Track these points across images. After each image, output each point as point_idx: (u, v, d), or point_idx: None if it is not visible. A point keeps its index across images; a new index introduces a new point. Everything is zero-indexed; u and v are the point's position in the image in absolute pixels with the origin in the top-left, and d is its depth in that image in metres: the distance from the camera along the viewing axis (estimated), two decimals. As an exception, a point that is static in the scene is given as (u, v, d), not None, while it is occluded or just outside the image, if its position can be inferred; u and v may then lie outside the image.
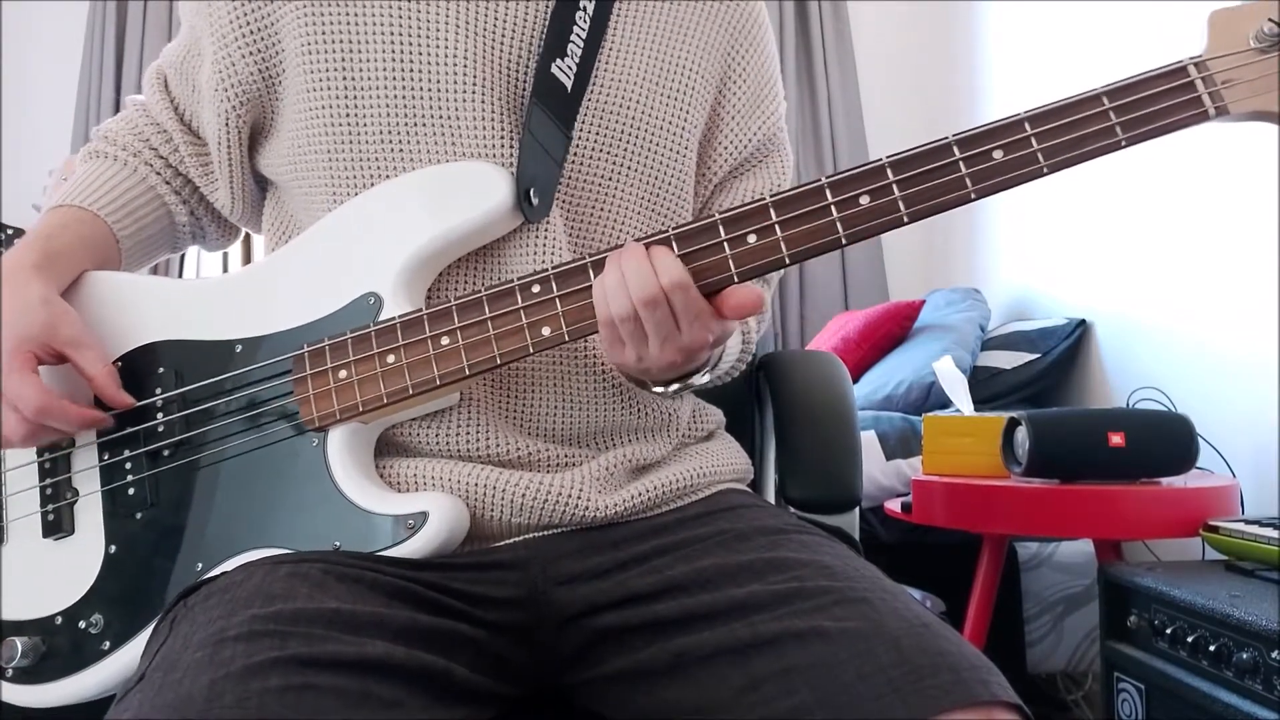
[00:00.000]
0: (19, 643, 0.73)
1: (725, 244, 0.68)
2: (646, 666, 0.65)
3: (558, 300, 0.69)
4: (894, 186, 0.66)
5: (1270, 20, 0.63)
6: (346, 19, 0.76)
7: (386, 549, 0.68)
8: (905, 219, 0.66)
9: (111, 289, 0.79)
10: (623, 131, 0.79)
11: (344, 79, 0.76)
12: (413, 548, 0.68)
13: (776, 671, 0.58)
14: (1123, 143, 0.65)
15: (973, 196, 0.66)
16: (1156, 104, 0.65)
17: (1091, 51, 2.22)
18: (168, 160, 0.87)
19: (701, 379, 0.76)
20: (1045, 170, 0.65)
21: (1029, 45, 2.56)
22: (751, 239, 0.67)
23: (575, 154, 0.78)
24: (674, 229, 0.68)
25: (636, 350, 0.68)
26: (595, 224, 0.79)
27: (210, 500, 0.72)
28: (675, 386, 0.75)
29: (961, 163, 0.66)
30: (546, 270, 0.70)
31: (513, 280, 0.70)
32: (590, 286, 0.69)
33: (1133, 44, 2.05)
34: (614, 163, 0.79)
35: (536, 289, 0.70)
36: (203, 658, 0.54)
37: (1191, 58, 0.65)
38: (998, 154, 0.65)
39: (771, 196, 0.67)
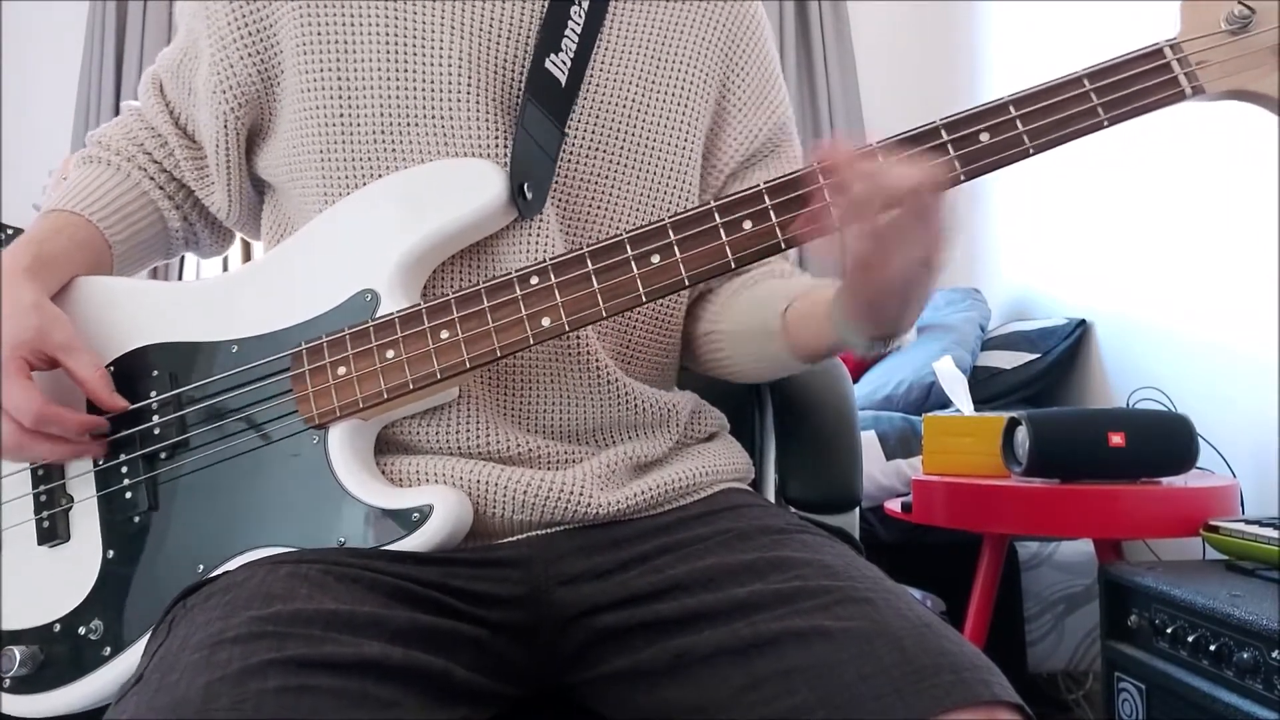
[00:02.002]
0: (17, 652, 0.71)
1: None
2: (647, 666, 0.65)
3: (556, 290, 0.69)
4: None
5: (1240, 3, 0.66)
6: (342, 19, 0.76)
7: (392, 543, 0.67)
8: None
9: (104, 293, 0.79)
10: (618, 127, 0.79)
11: (338, 79, 0.76)
12: (418, 541, 0.67)
13: (778, 671, 0.58)
14: (1105, 122, 0.67)
15: (962, 179, 0.67)
16: (1135, 85, 0.67)
17: (1092, 51, 2.22)
18: (162, 165, 0.87)
19: (910, 339, 0.74)
20: (1031, 151, 0.67)
21: (1029, 45, 2.56)
22: (747, 224, 0.69)
23: (570, 150, 0.78)
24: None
25: (900, 246, 0.64)
26: (590, 219, 0.79)
27: (209, 501, 0.72)
28: (879, 346, 0.74)
29: (949, 145, 0.67)
30: (544, 262, 0.70)
31: (511, 272, 0.70)
32: (588, 276, 0.69)
33: (1134, 46, 2.05)
34: (609, 158, 0.79)
35: (535, 280, 0.70)
36: (200, 659, 0.53)
37: (1167, 40, 0.68)
38: (984, 136, 0.67)
39: (765, 184, 0.68)
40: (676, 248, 0.68)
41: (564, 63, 0.77)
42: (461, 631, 0.65)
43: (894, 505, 1.76)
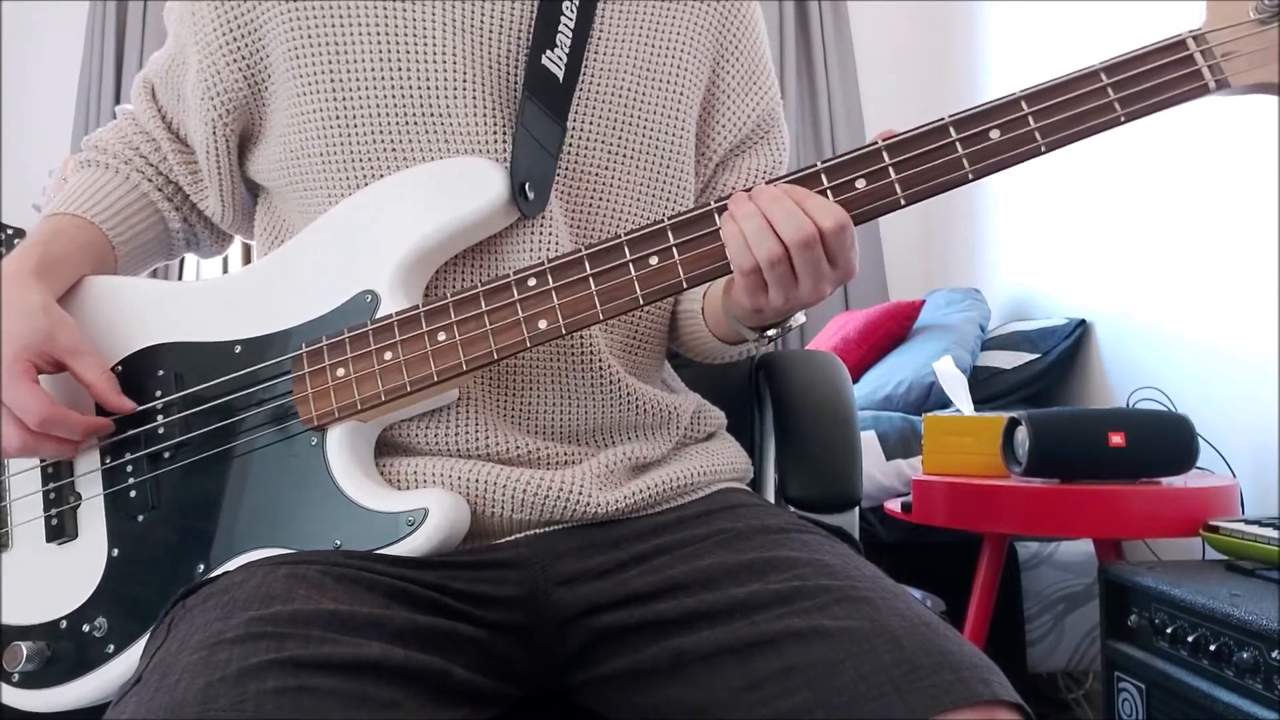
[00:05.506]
0: (24, 647, 0.73)
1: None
2: (647, 666, 0.65)
3: (554, 293, 0.69)
4: (890, 169, 0.66)
5: None
6: (333, 20, 0.76)
7: (387, 546, 0.68)
8: (902, 201, 0.66)
9: (110, 293, 0.79)
10: (617, 119, 0.80)
11: (333, 81, 0.76)
12: (413, 545, 0.68)
13: (777, 671, 0.58)
14: (1121, 118, 0.65)
15: (970, 177, 0.66)
16: (1155, 78, 0.64)
17: (1093, 52, 2.22)
18: (157, 168, 0.87)
19: (799, 320, 0.76)
20: (1043, 149, 0.65)
21: (1029, 45, 2.56)
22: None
23: (571, 145, 0.78)
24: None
25: (784, 293, 0.67)
26: (595, 213, 0.79)
27: (211, 501, 0.72)
28: (773, 331, 0.75)
29: (958, 143, 0.66)
30: (542, 264, 0.70)
31: (509, 275, 0.70)
32: (586, 278, 0.69)
33: (1137, 45, 2.05)
34: (610, 151, 0.79)
35: (532, 282, 0.70)
36: (198, 660, 0.54)
37: (1190, 31, 0.65)
38: (995, 134, 0.65)
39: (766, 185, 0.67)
40: (675, 250, 0.68)
41: (560, 59, 0.77)
42: (461, 632, 0.65)
43: (894, 505, 1.76)
